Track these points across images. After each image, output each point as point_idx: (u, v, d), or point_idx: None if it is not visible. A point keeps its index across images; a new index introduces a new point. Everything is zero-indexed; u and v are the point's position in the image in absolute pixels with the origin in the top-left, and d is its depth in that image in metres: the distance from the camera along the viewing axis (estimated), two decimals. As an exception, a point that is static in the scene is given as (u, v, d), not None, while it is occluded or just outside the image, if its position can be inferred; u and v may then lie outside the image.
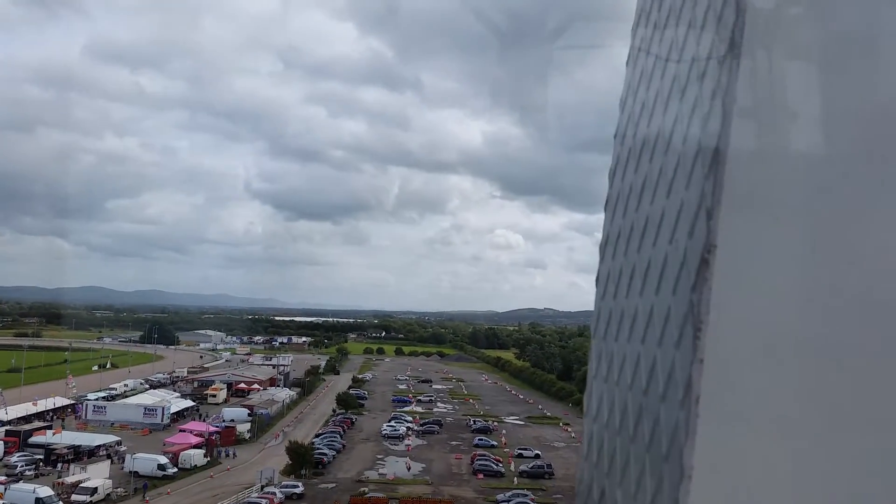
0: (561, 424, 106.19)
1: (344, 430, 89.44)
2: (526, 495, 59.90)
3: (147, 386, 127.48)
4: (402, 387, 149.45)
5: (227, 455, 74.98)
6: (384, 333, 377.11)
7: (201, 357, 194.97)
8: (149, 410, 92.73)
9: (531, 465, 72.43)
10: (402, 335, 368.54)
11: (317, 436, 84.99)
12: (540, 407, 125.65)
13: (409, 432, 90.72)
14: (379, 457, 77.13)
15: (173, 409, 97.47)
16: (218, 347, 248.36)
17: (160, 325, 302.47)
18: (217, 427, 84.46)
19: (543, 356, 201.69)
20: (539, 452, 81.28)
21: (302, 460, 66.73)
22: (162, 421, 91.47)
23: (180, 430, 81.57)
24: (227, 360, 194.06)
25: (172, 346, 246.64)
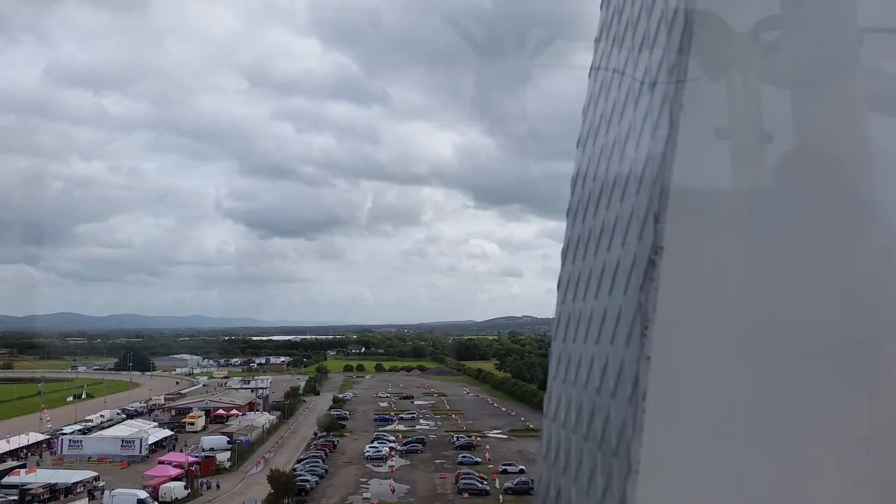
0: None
1: (326, 454, 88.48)
2: (512, 514, 59.69)
3: (124, 416, 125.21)
4: (383, 404, 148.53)
5: (209, 486, 73.70)
6: (364, 349, 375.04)
7: (177, 383, 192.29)
8: (126, 442, 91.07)
9: (516, 481, 72.18)
10: (381, 350, 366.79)
11: (298, 461, 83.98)
12: (522, 419, 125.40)
13: (393, 453, 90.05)
14: (362, 480, 76.38)
15: (151, 440, 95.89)
16: (194, 372, 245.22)
17: (135, 351, 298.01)
18: (196, 457, 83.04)
19: (524, 366, 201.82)
20: (524, 467, 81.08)
21: (284, 489, 65.86)
22: (140, 452, 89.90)
23: (159, 462, 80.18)
24: (204, 385, 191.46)
25: (148, 373, 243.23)
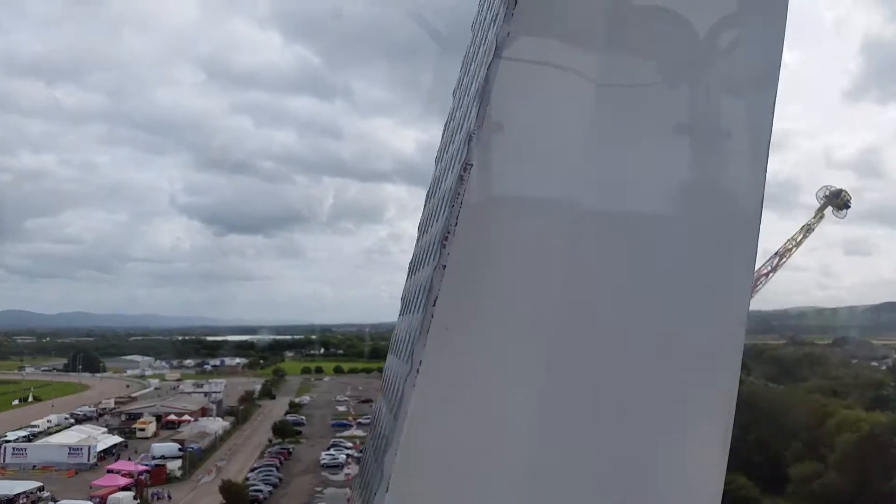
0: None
1: (281, 462, 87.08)
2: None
3: (72, 421, 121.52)
4: (341, 408, 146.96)
5: (159, 497, 71.60)
6: (323, 350, 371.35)
7: (128, 386, 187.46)
8: (74, 450, 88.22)
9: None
10: (341, 351, 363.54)
11: (252, 470, 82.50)
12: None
13: (350, 460, 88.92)
14: (318, 489, 75.32)
15: (100, 447, 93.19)
16: (146, 374, 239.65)
17: (85, 352, 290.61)
18: (146, 465, 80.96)
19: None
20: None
21: (236, 499, 64.51)
22: (88, 461, 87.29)
23: (108, 471, 77.86)
24: (156, 388, 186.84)
25: (98, 375, 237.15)
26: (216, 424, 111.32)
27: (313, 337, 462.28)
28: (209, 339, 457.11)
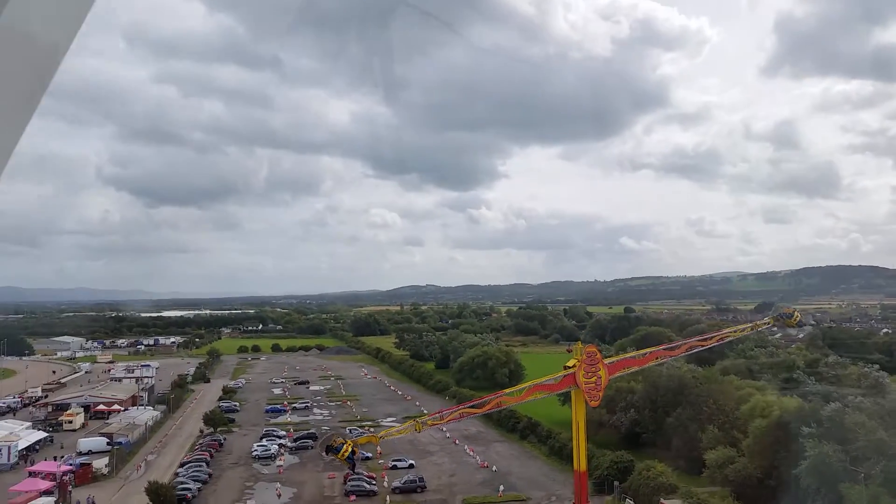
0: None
1: (211, 455, 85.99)
2: (397, 519, 60.19)
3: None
4: (277, 391, 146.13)
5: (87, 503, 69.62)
6: (261, 326, 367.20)
7: (54, 372, 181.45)
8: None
9: (403, 479, 72.82)
10: (280, 326, 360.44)
11: (181, 465, 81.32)
12: (417, 403, 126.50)
13: (282, 451, 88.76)
14: (248, 484, 74.89)
15: (22, 444, 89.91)
16: (77, 356, 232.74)
17: (11, 332, 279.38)
18: (71, 465, 78.77)
19: (422, 344, 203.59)
20: (413, 462, 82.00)
21: (163, 502, 63.70)
22: (9, 460, 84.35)
23: (28, 474, 75.39)
24: (86, 372, 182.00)
25: (26, 358, 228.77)
26: (146, 415, 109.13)
27: (251, 312, 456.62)
28: (143, 315, 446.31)
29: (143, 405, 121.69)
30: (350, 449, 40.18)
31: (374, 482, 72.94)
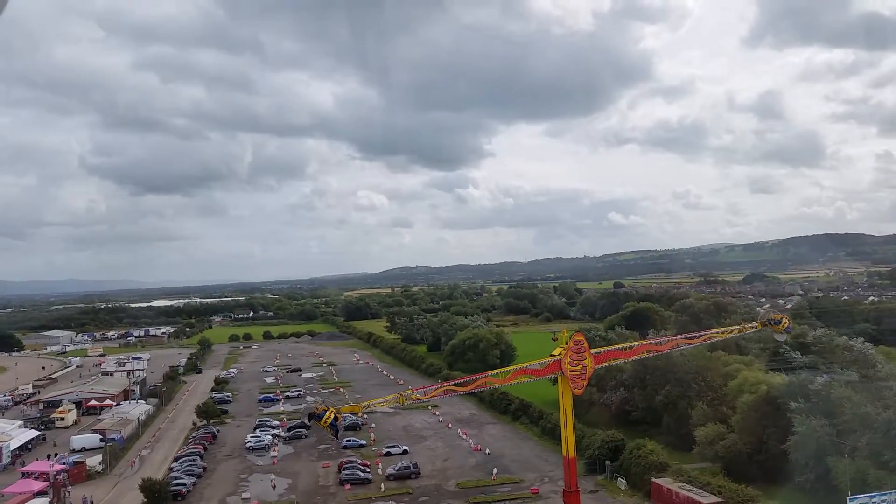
0: (430, 408, 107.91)
1: (205, 448, 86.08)
2: (392, 507, 60.50)
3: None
4: (269, 380, 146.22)
5: (83, 503, 69.36)
6: (252, 313, 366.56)
7: (43, 368, 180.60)
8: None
9: (398, 466, 73.14)
10: (271, 313, 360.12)
11: (175, 459, 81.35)
12: (410, 388, 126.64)
13: (276, 441, 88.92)
14: (243, 476, 75.00)
15: (15, 444, 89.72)
16: (67, 350, 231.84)
17: (0, 329, 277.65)
18: (64, 464, 78.54)
19: (413, 328, 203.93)
20: (406, 448, 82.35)
21: (158, 497, 63.77)
22: (1, 461, 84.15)
23: (22, 475, 75.20)
24: (77, 367, 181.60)
25: (16, 353, 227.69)
26: (139, 409, 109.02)
27: (241, 299, 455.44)
28: (133, 305, 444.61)
29: (135, 399, 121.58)
30: (333, 416, 40.35)
31: (368, 470, 73.25)
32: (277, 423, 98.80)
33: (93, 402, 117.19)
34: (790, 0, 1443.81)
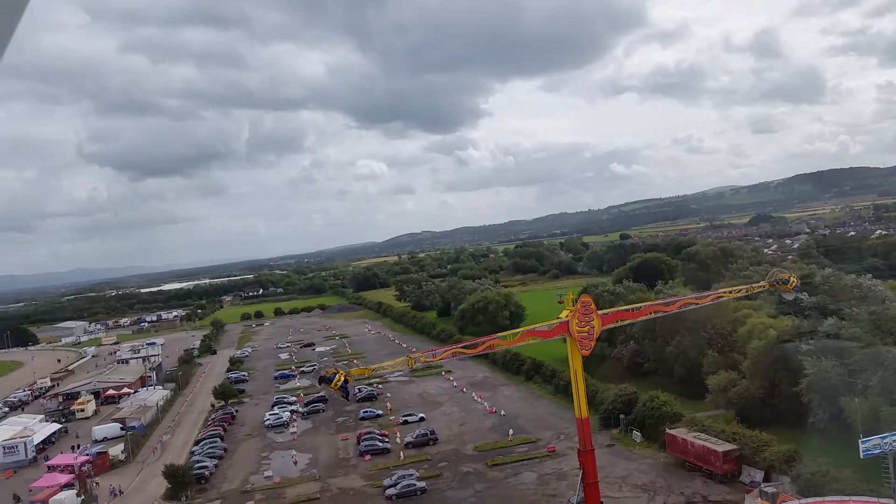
0: (443, 373, 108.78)
1: (225, 429, 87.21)
2: (412, 475, 61.28)
3: (6, 409, 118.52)
4: (283, 356, 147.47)
5: (111, 493, 70.43)
6: (261, 291, 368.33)
7: (59, 360, 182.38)
8: (8, 448, 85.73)
9: (415, 434, 73.97)
10: (280, 289, 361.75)
11: (196, 442, 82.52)
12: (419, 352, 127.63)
13: (294, 417, 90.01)
14: (264, 454, 76.09)
15: (38, 438, 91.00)
16: (82, 340, 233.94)
17: (13, 323, 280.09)
18: (87, 455, 79.84)
19: (422, 294, 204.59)
20: (423, 415, 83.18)
21: (181, 483, 64.79)
22: (27, 456, 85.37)
23: (47, 469, 76.53)
24: (93, 356, 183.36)
25: (31, 347, 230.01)
26: (157, 395, 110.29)
27: (250, 277, 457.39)
28: (143, 291, 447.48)
29: (152, 385, 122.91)
30: (343, 378, 40.84)
31: (386, 439, 74.17)
32: (294, 398, 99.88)
33: (111, 391, 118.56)
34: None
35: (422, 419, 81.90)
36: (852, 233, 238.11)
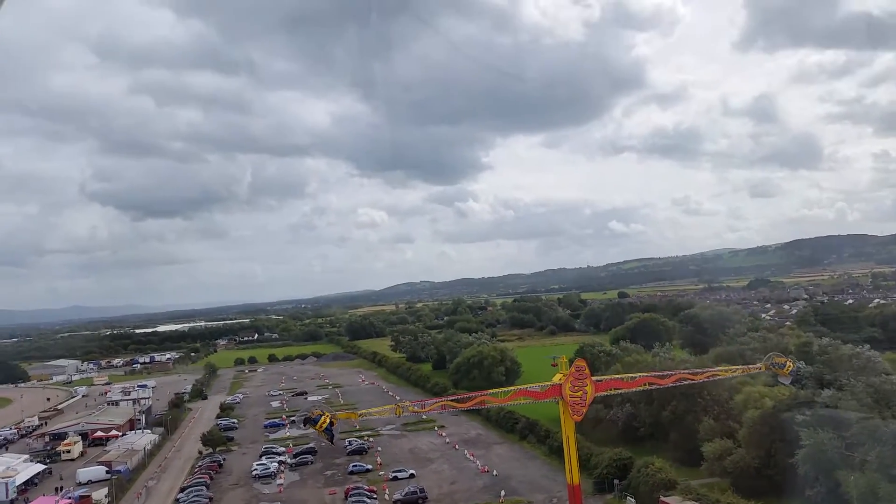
0: (436, 429, 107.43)
1: (211, 478, 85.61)
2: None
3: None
4: (275, 404, 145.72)
5: None
6: (256, 335, 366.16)
7: (48, 399, 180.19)
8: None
9: (405, 491, 72.57)
10: (275, 335, 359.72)
11: (181, 490, 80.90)
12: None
13: (282, 468, 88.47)
14: (249, 506, 74.63)
15: (20, 479, 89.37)
16: (73, 379, 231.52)
17: (5, 359, 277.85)
18: (70, 498, 78.26)
19: (418, 346, 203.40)
20: (413, 472, 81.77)
21: (164, 532, 63.35)
22: (7, 497, 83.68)
23: (27, 511, 74.97)
24: (83, 396, 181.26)
25: (21, 384, 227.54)
26: (144, 439, 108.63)
27: (246, 321, 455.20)
28: (138, 331, 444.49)
29: (140, 429, 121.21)
30: (328, 421, 40.28)
31: (374, 495, 72.76)
32: (283, 449, 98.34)
33: (98, 433, 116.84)
34: (780, 3, 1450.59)
35: (412, 476, 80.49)
36: (850, 300, 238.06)
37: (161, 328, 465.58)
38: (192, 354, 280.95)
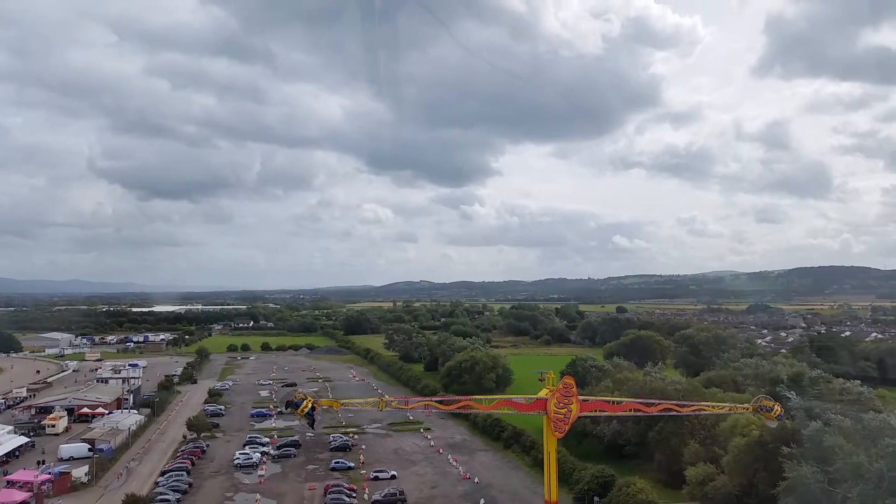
0: (422, 430, 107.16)
1: (193, 463, 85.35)
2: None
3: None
4: (264, 394, 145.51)
5: None
6: (252, 323, 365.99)
7: (38, 371, 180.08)
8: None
9: (384, 492, 72.24)
10: (271, 324, 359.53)
11: (162, 473, 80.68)
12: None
13: (265, 458, 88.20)
14: (228, 495, 74.20)
15: (3, 450, 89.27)
16: (66, 353, 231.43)
17: (0, 328, 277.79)
18: (49, 473, 77.97)
19: (412, 346, 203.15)
20: (395, 473, 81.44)
21: (140, 515, 63.11)
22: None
23: (6, 483, 74.69)
24: (74, 371, 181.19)
25: (13, 354, 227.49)
26: (130, 419, 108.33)
27: (243, 308, 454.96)
28: (135, 310, 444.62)
29: (127, 408, 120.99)
30: (310, 405, 39.98)
31: (354, 494, 72.46)
32: (267, 440, 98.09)
33: (85, 410, 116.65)
34: (799, 32, 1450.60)
35: (393, 477, 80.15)
36: (848, 332, 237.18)
37: (157, 308, 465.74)
38: (187, 337, 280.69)
